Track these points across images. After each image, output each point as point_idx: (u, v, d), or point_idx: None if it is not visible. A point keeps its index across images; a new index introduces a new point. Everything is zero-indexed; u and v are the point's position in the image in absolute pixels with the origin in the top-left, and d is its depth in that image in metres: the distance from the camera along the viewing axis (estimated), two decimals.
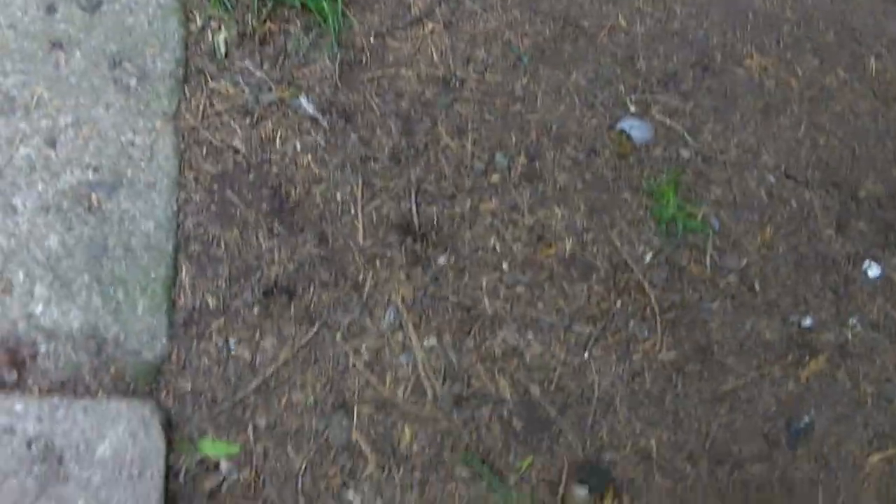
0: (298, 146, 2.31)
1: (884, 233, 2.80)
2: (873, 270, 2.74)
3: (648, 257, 2.52)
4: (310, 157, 2.31)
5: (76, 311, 1.99)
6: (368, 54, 2.48)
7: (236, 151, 2.25)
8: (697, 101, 2.80)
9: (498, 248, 2.40)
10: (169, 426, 1.97)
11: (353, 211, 2.30)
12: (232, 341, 2.09)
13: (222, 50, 2.32)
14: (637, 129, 2.65)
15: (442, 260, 2.34)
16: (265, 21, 2.38)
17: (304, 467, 2.05)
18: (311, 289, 2.20)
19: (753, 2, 3.06)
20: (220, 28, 2.34)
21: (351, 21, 2.50)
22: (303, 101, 2.33)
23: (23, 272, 1.98)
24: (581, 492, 2.20)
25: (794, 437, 2.44)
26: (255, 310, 2.14)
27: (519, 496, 2.15)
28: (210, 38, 2.33)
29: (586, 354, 2.36)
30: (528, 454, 2.21)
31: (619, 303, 2.44)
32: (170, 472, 1.93)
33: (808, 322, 2.60)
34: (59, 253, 2.02)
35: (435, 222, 2.36)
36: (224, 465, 1.99)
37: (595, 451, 2.27)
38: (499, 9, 2.71)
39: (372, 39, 2.51)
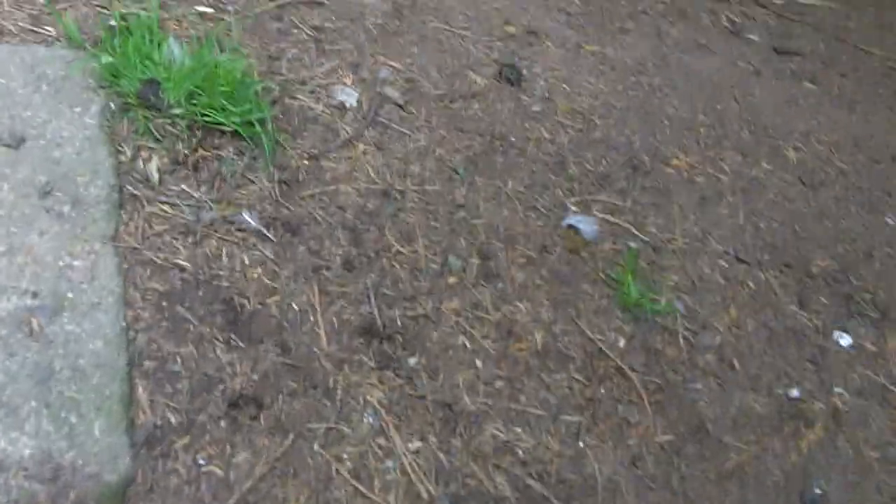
0: (247, 260, 2.33)
1: (845, 304, 2.94)
2: (845, 340, 2.85)
3: (622, 343, 2.57)
4: (260, 269, 2.33)
5: (25, 438, 1.88)
6: (305, 174, 2.57)
7: (182, 269, 2.25)
8: (635, 198, 2.97)
9: (468, 345, 2.41)
10: None
11: (312, 318, 2.30)
12: (201, 458, 2.00)
13: (155, 176, 2.37)
14: (584, 224, 2.78)
15: (412, 361, 2.33)
16: (196, 148, 2.46)
17: None
18: (280, 398, 2.14)
19: (666, 109, 3.33)
20: (150, 157, 2.40)
21: (283, 146, 2.60)
22: (246, 215, 2.38)
23: None
24: None
25: None
26: (222, 424, 2.06)
27: None
28: (142, 166, 2.38)
29: (581, 443, 2.34)
30: None
31: (602, 389, 2.46)
32: None
33: (795, 393, 2.65)
34: (0, 381, 1.94)
35: (399, 324, 2.37)
36: None
37: None
38: (425, 129, 2.87)
39: (306, 161, 2.61)
